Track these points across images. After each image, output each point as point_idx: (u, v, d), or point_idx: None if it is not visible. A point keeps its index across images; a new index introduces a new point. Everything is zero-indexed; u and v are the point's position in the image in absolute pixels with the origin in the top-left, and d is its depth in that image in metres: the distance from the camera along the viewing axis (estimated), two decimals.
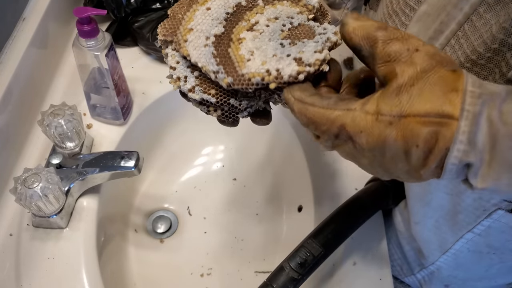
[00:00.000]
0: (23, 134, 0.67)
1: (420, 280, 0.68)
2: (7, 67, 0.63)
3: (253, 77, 0.36)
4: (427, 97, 0.31)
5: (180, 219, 0.78)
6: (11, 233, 0.60)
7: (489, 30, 0.43)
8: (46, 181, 0.54)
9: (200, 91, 0.39)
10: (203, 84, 0.39)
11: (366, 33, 0.33)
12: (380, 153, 0.33)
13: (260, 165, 0.83)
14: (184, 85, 0.40)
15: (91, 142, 0.67)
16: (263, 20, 0.40)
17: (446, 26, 0.48)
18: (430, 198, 0.56)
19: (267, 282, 0.50)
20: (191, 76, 0.39)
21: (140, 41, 0.79)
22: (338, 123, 0.33)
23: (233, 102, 0.39)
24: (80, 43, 0.60)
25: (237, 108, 0.40)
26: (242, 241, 0.76)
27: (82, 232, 0.60)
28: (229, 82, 0.36)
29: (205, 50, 0.38)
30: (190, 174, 0.83)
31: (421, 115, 0.31)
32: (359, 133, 0.32)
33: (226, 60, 0.37)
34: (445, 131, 0.31)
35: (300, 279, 0.50)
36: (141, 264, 0.72)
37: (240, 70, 0.36)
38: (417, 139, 0.31)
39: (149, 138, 0.79)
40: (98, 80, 0.66)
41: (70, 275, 0.57)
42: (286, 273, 0.50)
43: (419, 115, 0.31)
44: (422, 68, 0.32)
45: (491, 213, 0.51)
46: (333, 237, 0.54)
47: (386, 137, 0.32)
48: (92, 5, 0.78)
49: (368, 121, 0.32)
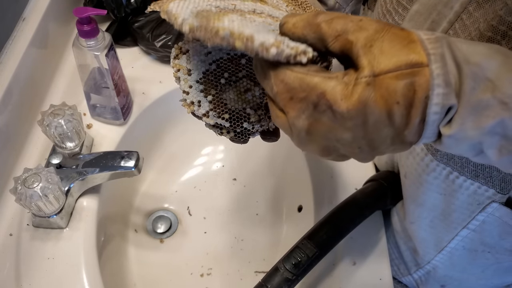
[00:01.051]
0: (23, 134, 0.67)
1: (417, 280, 0.68)
2: (7, 67, 0.63)
3: (222, 30, 0.32)
4: (390, 52, 0.31)
5: (180, 219, 0.78)
6: (11, 233, 0.60)
7: (477, 29, 0.43)
8: (46, 181, 0.54)
9: (214, 116, 0.40)
10: (217, 109, 0.40)
11: (307, 22, 0.33)
12: (362, 121, 0.32)
13: (260, 165, 0.83)
14: (198, 109, 0.40)
15: (91, 142, 0.67)
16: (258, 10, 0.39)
17: (437, 25, 0.48)
18: (423, 199, 0.56)
19: (262, 283, 0.50)
20: (204, 101, 0.40)
21: (140, 41, 0.79)
22: (318, 90, 0.32)
23: (246, 125, 0.40)
24: (80, 43, 0.60)
25: (250, 130, 0.41)
26: (242, 241, 0.76)
27: (82, 232, 0.60)
28: (194, 26, 0.33)
29: (187, 10, 0.37)
30: (190, 174, 0.83)
31: (391, 70, 0.30)
32: (339, 100, 0.31)
33: (203, 18, 0.35)
34: (420, 79, 0.30)
35: (294, 280, 0.50)
36: (141, 264, 0.72)
37: (211, 23, 0.33)
38: (395, 96, 0.31)
39: (149, 138, 0.79)
40: (98, 80, 0.66)
41: (70, 275, 0.57)
42: (281, 273, 0.50)
43: (390, 71, 0.30)
44: (373, 29, 0.32)
45: (485, 206, 0.51)
46: (328, 238, 0.54)
47: (367, 100, 0.31)
48: (92, 5, 0.78)
49: (348, 87, 0.31)
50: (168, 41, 0.76)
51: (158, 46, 0.76)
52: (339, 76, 0.32)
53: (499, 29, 0.41)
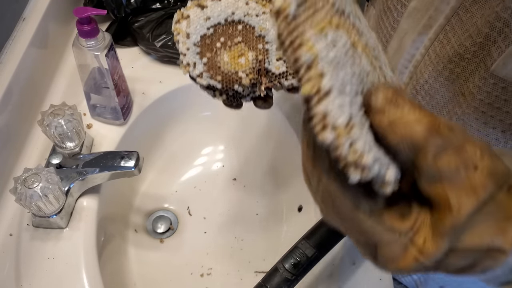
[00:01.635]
0: (23, 134, 0.67)
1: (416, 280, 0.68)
2: (7, 67, 0.63)
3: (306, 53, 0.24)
4: (479, 229, 0.26)
5: (180, 219, 0.78)
6: (11, 233, 0.60)
7: (474, 24, 0.43)
8: (46, 181, 0.54)
9: (207, 77, 0.42)
10: (210, 71, 0.42)
11: (410, 135, 0.25)
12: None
13: (260, 165, 0.83)
14: (193, 71, 0.42)
15: (91, 142, 0.67)
16: None
17: (434, 20, 0.48)
18: None
19: (261, 283, 0.50)
20: (199, 62, 0.42)
21: (140, 41, 0.79)
22: (371, 238, 0.27)
23: (237, 88, 0.42)
24: (80, 43, 0.60)
25: (241, 93, 0.42)
26: (242, 241, 0.76)
27: (82, 232, 0.60)
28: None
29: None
30: (190, 174, 0.83)
31: (466, 250, 0.26)
32: (389, 261, 0.27)
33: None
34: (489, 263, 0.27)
35: (294, 280, 0.50)
36: (141, 264, 0.72)
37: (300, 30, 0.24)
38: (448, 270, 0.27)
39: (149, 138, 0.79)
40: (98, 80, 0.66)
41: (70, 275, 0.57)
42: (280, 273, 0.50)
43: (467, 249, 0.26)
44: (482, 199, 0.25)
45: None
46: (327, 238, 0.54)
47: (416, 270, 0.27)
48: (92, 5, 0.78)
49: (409, 257, 0.26)
50: (168, 41, 0.76)
51: (158, 46, 0.76)
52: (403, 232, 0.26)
53: (495, 25, 0.41)
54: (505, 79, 0.42)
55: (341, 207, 0.27)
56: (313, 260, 0.52)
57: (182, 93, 0.77)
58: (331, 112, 0.22)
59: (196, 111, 0.80)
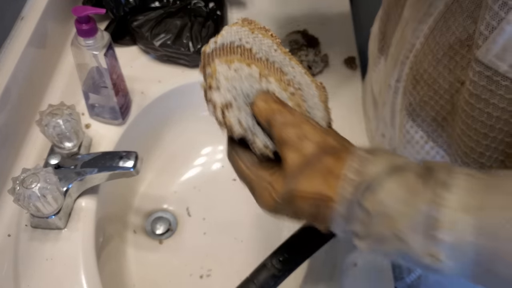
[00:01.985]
0: (21, 134, 0.67)
1: (409, 284, 0.68)
2: (5, 67, 0.63)
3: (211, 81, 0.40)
4: (309, 179, 0.37)
5: (179, 219, 0.78)
6: (9, 233, 0.59)
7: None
8: (45, 181, 0.54)
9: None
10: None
11: (266, 116, 0.39)
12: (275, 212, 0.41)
13: None
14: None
15: (89, 142, 0.67)
16: None
17: (434, 8, 0.47)
18: None
19: (249, 278, 0.51)
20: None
21: (139, 40, 0.78)
22: (248, 182, 0.41)
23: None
24: (78, 42, 0.59)
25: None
26: (242, 242, 0.76)
27: (80, 233, 0.59)
28: None
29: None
30: (190, 175, 0.83)
31: (305, 193, 0.37)
32: (258, 198, 0.41)
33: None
34: (325, 210, 0.37)
35: (281, 276, 0.50)
36: (140, 265, 0.72)
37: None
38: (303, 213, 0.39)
39: (148, 138, 0.79)
40: (96, 79, 0.65)
41: (68, 276, 0.56)
42: (268, 269, 0.50)
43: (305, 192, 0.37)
44: (306, 154, 0.37)
45: None
46: (317, 236, 0.53)
47: (278, 210, 0.40)
48: (91, 4, 0.78)
49: (267, 195, 0.40)
50: (167, 40, 0.75)
51: (157, 45, 0.76)
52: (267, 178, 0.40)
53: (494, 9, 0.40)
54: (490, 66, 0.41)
55: (235, 163, 0.42)
56: (302, 257, 0.52)
57: (181, 93, 0.77)
58: (216, 98, 0.40)
59: (195, 111, 0.80)
